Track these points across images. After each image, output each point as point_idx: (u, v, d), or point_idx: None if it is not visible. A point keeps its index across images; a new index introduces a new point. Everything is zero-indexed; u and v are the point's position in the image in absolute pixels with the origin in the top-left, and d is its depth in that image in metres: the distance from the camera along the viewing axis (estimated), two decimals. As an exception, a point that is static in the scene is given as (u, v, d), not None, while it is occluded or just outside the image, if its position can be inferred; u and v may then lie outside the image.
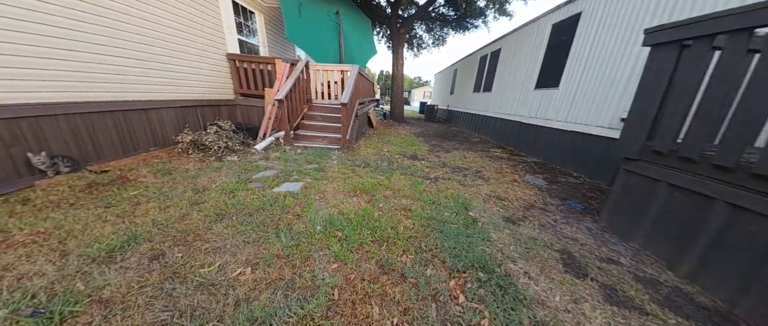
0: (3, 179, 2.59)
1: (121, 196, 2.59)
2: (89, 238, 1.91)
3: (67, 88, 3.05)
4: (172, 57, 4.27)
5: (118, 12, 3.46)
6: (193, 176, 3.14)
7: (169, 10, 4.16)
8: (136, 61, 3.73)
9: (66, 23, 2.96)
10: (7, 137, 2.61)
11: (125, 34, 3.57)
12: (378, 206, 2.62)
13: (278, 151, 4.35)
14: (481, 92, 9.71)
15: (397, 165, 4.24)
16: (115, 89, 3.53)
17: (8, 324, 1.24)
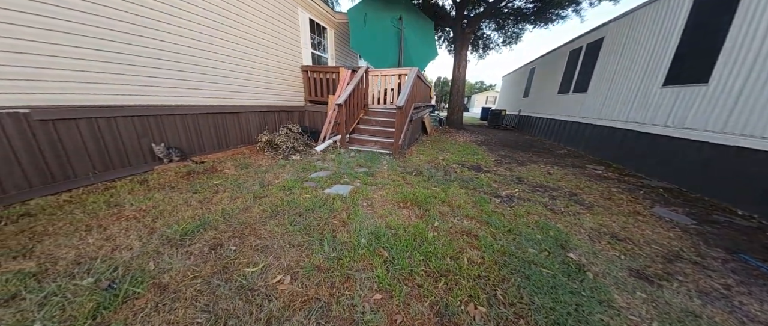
0: (134, 162, 3.16)
1: (206, 184, 2.85)
2: (172, 220, 2.07)
3: (187, 94, 3.60)
4: (261, 71, 4.76)
5: (234, 37, 3.99)
6: (263, 172, 3.31)
7: (265, 34, 4.66)
8: (235, 73, 4.24)
9: (199, 52, 3.52)
10: (140, 130, 3.18)
11: (234, 53, 4.09)
12: (433, 225, 2.15)
13: (334, 153, 4.34)
14: (571, 94, 7.75)
15: (455, 176, 3.63)
16: (218, 97, 4.06)
17: (86, 293, 1.32)
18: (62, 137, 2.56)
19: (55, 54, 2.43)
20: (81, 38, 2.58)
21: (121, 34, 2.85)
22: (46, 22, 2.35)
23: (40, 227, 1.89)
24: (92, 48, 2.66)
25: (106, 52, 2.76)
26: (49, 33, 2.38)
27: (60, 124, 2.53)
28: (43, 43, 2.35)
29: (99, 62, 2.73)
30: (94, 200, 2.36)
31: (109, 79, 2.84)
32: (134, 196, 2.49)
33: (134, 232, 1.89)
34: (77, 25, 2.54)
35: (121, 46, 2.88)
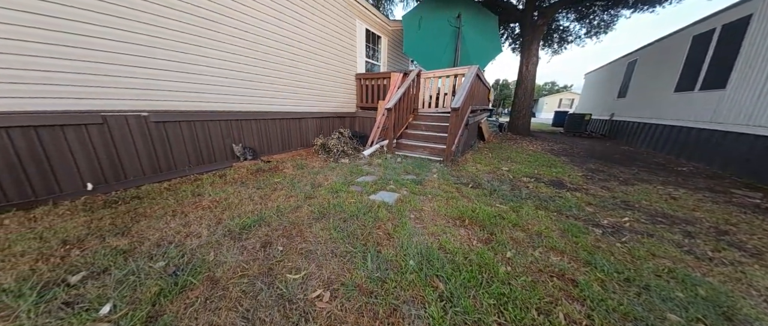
0: (218, 159, 3.56)
1: (269, 181, 2.98)
2: (236, 213, 2.15)
3: (263, 103, 3.96)
4: (321, 81, 4.98)
5: (302, 55, 4.28)
6: (315, 173, 3.34)
7: (327, 49, 4.88)
8: (300, 85, 4.52)
9: (274, 71, 3.87)
10: (225, 132, 3.58)
11: (301, 69, 4.38)
12: (503, 256, 1.62)
13: (381, 158, 4.15)
14: (696, 91, 5.80)
15: (528, 193, 2.88)
16: (285, 105, 4.36)
17: (155, 277, 1.37)
18: (169, 136, 3.01)
19: (170, 69, 2.88)
20: (188, 63, 3.02)
21: (221, 62, 3.27)
22: (170, 48, 2.81)
23: (142, 209, 2.18)
24: (199, 64, 3.09)
25: (210, 68, 3.18)
26: (172, 54, 2.83)
27: (169, 125, 2.99)
28: (166, 61, 2.81)
29: (203, 76, 3.16)
30: (184, 189, 2.67)
31: (207, 90, 3.26)
32: (213, 188, 2.74)
33: (205, 221, 2.01)
34: (190, 55, 2.98)
35: (219, 70, 3.29)
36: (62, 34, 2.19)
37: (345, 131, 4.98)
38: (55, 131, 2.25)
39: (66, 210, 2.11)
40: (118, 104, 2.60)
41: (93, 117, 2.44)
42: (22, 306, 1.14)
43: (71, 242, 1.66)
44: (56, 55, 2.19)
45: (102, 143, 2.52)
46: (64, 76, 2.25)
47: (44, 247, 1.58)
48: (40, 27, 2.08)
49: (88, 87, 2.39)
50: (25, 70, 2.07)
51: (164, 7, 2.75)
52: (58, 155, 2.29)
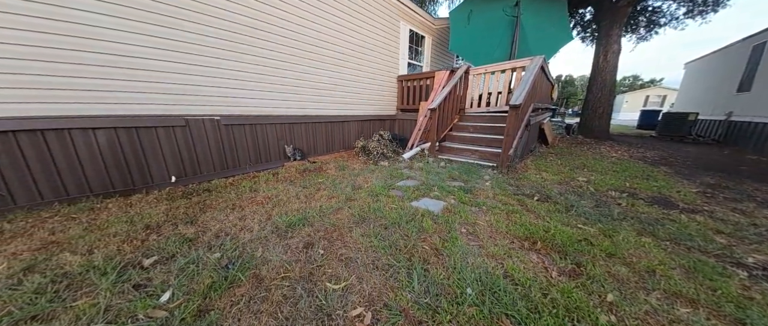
0: (273, 159, 3.76)
1: (313, 181, 2.99)
2: (284, 210, 2.15)
3: (310, 108, 4.09)
4: (364, 86, 4.97)
5: (350, 64, 4.34)
6: (355, 175, 3.25)
7: (371, 55, 4.86)
8: (345, 91, 4.57)
9: (325, 79, 3.99)
10: (279, 134, 3.77)
11: (347, 76, 4.44)
12: (602, 298, 1.17)
13: (421, 162, 3.85)
14: None
15: (622, 212, 2.20)
16: (331, 109, 4.44)
17: (210, 268, 1.37)
18: (235, 137, 3.27)
19: (237, 78, 3.14)
20: (251, 73, 3.25)
21: (276, 70, 3.47)
22: (237, 60, 3.07)
23: (209, 202, 2.34)
24: (261, 74, 3.32)
25: (269, 77, 3.40)
26: (239, 65, 3.09)
27: (235, 128, 3.25)
28: (234, 71, 3.07)
29: (262, 84, 3.38)
30: (244, 185, 2.83)
31: (266, 96, 3.48)
32: (267, 185, 2.85)
33: (257, 216, 2.04)
34: (252, 66, 3.21)
35: (275, 78, 3.49)
36: (163, 52, 2.53)
37: (385, 134, 4.85)
38: (150, 131, 2.59)
39: (154, 198, 2.39)
40: (197, 110, 2.90)
41: (178, 120, 2.76)
42: (102, 284, 1.22)
43: (152, 228, 1.82)
44: (159, 69, 2.52)
45: (184, 142, 2.84)
46: (161, 86, 2.59)
47: (131, 230, 1.76)
48: (148, 57, 2.43)
49: (177, 95, 2.72)
50: (136, 81, 2.43)
51: (232, 33, 3.00)
52: (152, 152, 2.63)
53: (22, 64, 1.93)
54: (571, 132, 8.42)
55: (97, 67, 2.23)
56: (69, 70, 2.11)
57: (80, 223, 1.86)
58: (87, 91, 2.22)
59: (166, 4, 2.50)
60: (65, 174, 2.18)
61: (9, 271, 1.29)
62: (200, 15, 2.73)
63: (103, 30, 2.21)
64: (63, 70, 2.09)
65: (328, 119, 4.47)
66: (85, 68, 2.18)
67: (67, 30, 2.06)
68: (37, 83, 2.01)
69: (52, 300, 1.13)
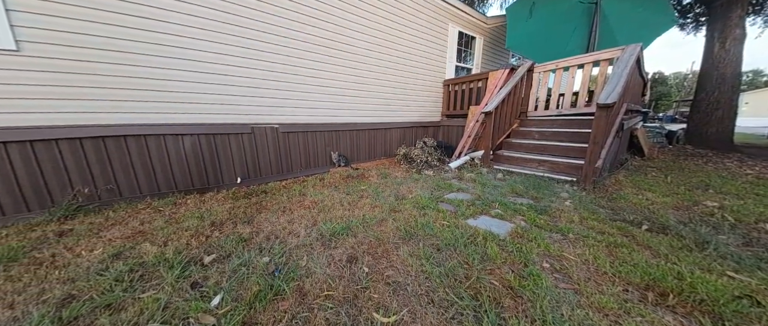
0: (320, 164, 3.80)
1: (356, 188, 2.86)
2: (328, 216, 2.03)
3: (354, 116, 4.08)
4: (407, 93, 4.78)
5: (394, 74, 4.27)
6: (398, 183, 3.00)
7: (416, 62, 4.68)
8: (388, 98, 4.46)
9: (370, 90, 3.99)
10: (327, 141, 3.81)
11: (390, 84, 4.35)
12: None
13: (473, 172, 3.38)
14: None
15: None
16: (373, 117, 4.37)
17: (259, 273, 1.27)
18: (290, 144, 3.40)
19: (295, 90, 3.28)
20: (306, 84, 3.37)
21: (326, 80, 3.55)
22: (295, 74, 3.22)
23: (265, 203, 2.38)
24: (312, 84, 3.43)
25: (320, 87, 3.50)
26: (297, 78, 3.24)
27: (291, 135, 3.38)
28: (292, 84, 3.22)
29: (314, 94, 3.48)
30: (294, 188, 2.86)
31: (317, 105, 3.57)
32: (314, 189, 2.82)
33: (304, 221, 1.95)
34: (308, 78, 3.34)
35: (325, 88, 3.57)
36: (239, 68, 2.77)
37: (429, 141, 4.51)
38: (224, 138, 2.82)
39: (222, 197, 2.55)
40: (261, 119, 3.09)
41: (246, 128, 2.96)
42: (167, 278, 1.21)
43: (216, 225, 1.88)
44: (234, 84, 2.77)
45: (250, 148, 3.03)
46: (235, 98, 2.83)
47: (200, 226, 1.83)
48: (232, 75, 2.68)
49: (246, 106, 2.94)
50: (216, 94, 2.69)
51: (290, 48, 3.15)
52: (224, 155, 2.85)
53: (139, 82, 2.28)
54: (676, 141, 6.43)
55: (189, 83, 2.52)
56: (172, 86, 2.43)
57: (163, 216, 2.04)
58: (179, 103, 2.51)
59: (237, 33, 2.74)
60: (158, 173, 2.48)
61: (102, 256, 1.40)
62: (265, 35, 2.93)
63: (197, 52, 2.50)
64: (170, 86, 2.41)
65: (370, 127, 4.38)
66: (180, 84, 2.49)
67: (173, 53, 2.39)
68: (147, 97, 2.34)
69: (126, 289, 1.15)
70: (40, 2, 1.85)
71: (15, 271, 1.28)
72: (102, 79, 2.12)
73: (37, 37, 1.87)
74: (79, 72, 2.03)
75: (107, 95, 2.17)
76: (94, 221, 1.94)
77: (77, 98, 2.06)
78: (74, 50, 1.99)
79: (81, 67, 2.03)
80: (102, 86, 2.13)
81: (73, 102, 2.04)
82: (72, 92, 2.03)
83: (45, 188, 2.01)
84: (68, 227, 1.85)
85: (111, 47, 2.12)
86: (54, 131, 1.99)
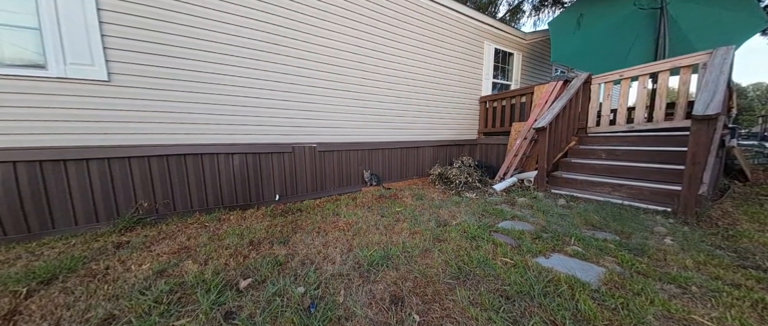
0: (353, 183, 3.73)
1: (390, 209, 2.65)
2: (364, 241, 1.84)
3: (386, 135, 4.02)
4: (441, 110, 4.62)
5: (430, 91, 4.24)
6: (436, 206, 2.71)
7: (451, 80, 4.59)
8: (418, 115, 4.36)
9: (402, 108, 3.99)
10: (359, 159, 3.77)
11: (424, 102, 4.29)
12: None
13: (525, 196, 2.91)
14: None
15: None
16: (405, 135, 4.26)
17: (293, 308, 1.10)
18: (325, 162, 3.42)
19: (331, 111, 3.37)
20: (341, 106, 3.47)
21: (367, 103, 3.62)
22: (331, 95, 3.35)
23: (300, 222, 2.31)
24: (351, 106, 3.51)
25: (354, 107, 3.56)
26: (333, 101, 3.35)
27: (326, 154, 3.42)
28: (330, 106, 3.33)
29: (348, 114, 3.55)
30: (328, 207, 2.78)
31: (351, 125, 3.61)
32: (347, 209, 2.70)
33: (340, 244, 1.80)
34: (343, 100, 3.45)
35: (360, 109, 3.63)
36: (280, 93, 2.96)
37: (467, 160, 4.15)
38: (268, 157, 2.95)
39: (261, 214, 2.57)
40: (301, 139, 3.20)
41: (287, 148, 3.07)
42: (203, 304, 1.12)
43: (254, 244, 1.83)
44: (276, 106, 2.95)
45: (289, 166, 3.11)
46: (277, 120, 2.99)
47: (239, 244, 1.79)
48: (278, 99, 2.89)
49: (288, 127, 3.08)
50: (261, 117, 2.88)
51: (327, 73, 3.31)
52: (267, 173, 2.96)
53: (201, 107, 2.54)
54: None
55: (243, 107, 2.75)
56: (229, 110, 2.66)
57: (208, 232, 2.08)
58: (232, 125, 2.72)
59: (283, 62, 2.97)
60: (209, 189, 2.63)
61: (148, 271, 1.40)
62: (309, 62, 3.14)
63: (248, 79, 2.75)
64: (227, 110, 2.65)
65: (403, 145, 4.25)
66: (235, 108, 2.71)
67: (230, 81, 2.65)
68: (208, 120, 2.58)
69: (163, 313, 1.08)
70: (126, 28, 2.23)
71: (71, 282, 1.33)
72: (172, 106, 2.41)
73: (124, 70, 2.21)
74: (153, 99, 2.33)
75: (176, 118, 2.44)
76: (149, 234, 2.06)
77: (150, 121, 2.34)
78: (151, 81, 2.32)
79: (155, 95, 2.34)
80: (172, 110, 2.41)
81: (145, 125, 2.33)
82: (146, 116, 2.32)
83: (114, 201, 2.24)
84: (126, 238, 1.98)
85: (181, 78, 2.42)
86: (128, 150, 2.25)
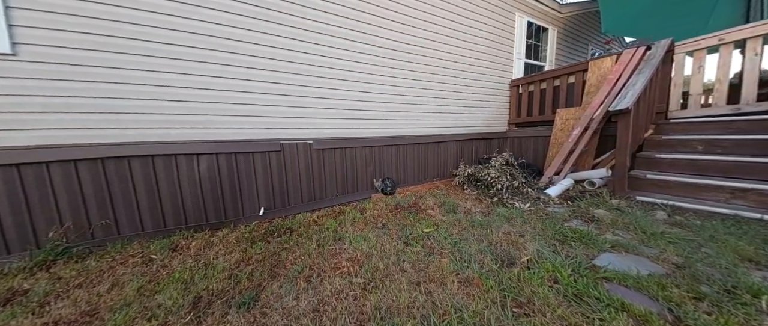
0: (360, 189, 2.96)
1: (415, 230, 1.87)
2: (387, 302, 1.08)
3: (403, 126, 3.21)
4: (464, 97, 3.76)
5: (447, 66, 3.40)
6: (480, 224, 1.91)
7: (474, 53, 3.71)
8: (436, 102, 3.52)
9: (413, 84, 3.17)
10: (367, 158, 2.99)
11: (443, 82, 3.45)
12: None
13: (601, 205, 2.05)
14: None
15: None
16: (424, 127, 3.44)
17: None
18: (325, 163, 2.65)
19: (334, 97, 2.60)
20: (346, 89, 2.68)
21: (377, 86, 2.83)
22: (333, 77, 2.56)
23: (286, 253, 1.57)
24: (356, 91, 2.73)
25: (363, 94, 2.78)
26: (335, 83, 2.57)
27: (326, 153, 2.64)
28: (329, 97, 2.56)
29: (357, 103, 2.77)
30: (327, 225, 2.03)
31: (362, 115, 2.82)
32: (355, 228, 1.95)
33: (343, 308, 1.04)
34: (346, 82, 2.66)
35: (364, 94, 2.84)
36: (262, 72, 2.20)
37: (504, 156, 3.23)
38: (247, 157, 2.21)
39: (235, 238, 1.84)
40: (293, 133, 2.44)
41: (274, 145, 2.32)
42: None
43: (201, 304, 1.10)
44: (270, 92, 2.19)
45: (277, 169, 2.37)
46: (261, 109, 2.24)
47: (176, 305, 1.07)
48: (250, 68, 2.13)
49: (278, 118, 2.33)
50: (237, 104, 2.13)
51: (330, 47, 2.52)
52: (247, 180, 2.23)
53: (146, 90, 1.81)
54: None
55: (209, 91, 2.01)
56: (187, 94, 1.93)
57: (147, 273, 1.38)
58: (196, 116, 1.99)
59: (269, 30, 2.20)
60: (166, 204, 1.92)
61: None
62: (301, 32, 2.35)
63: (220, 53, 2.00)
64: (184, 95, 1.91)
65: (420, 140, 3.43)
66: (198, 92, 1.97)
67: (188, 55, 1.90)
68: (158, 108, 1.85)
69: None
70: None
71: None
72: (98, 89, 1.68)
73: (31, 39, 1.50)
74: (71, 79, 1.61)
75: (109, 107, 1.72)
76: (65, 276, 1.37)
77: (69, 111, 1.63)
78: (64, 53, 1.60)
79: (73, 72, 1.62)
80: (99, 95, 1.69)
81: (63, 116, 1.62)
82: (63, 105, 1.61)
83: (29, 223, 1.57)
84: (30, 284, 1.30)
85: (111, 47, 1.69)
86: (40, 153, 1.56)
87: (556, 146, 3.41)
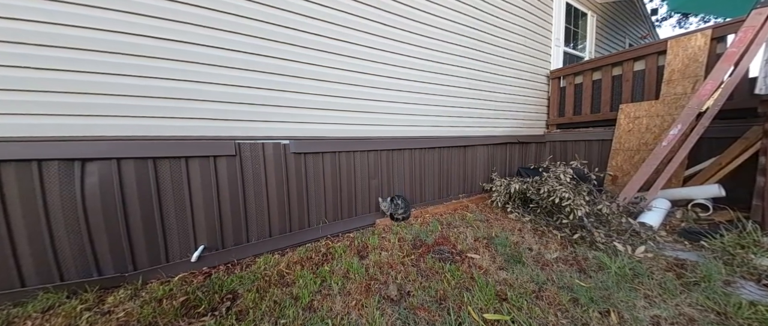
0: (360, 211, 2.09)
1: (464, 311, 0.99)
2: None
3: (417, 126, 2.36)
4: (491, 86, 2.89)
5: (472, 49, 2.57)
6: (590, 298, 1.00)
7: (506, 34, 2.87)
8: (459, 93, 2.66)
9: (430, 68, 2.34)
10: (372, 169, 2.13)
11: (467, 68, 2.61)
12: None
13: (754, 250, 1.14)
14: None
15: None
16: (448, 125, 2.57)
17: None
18: (309, 174, 1.81)
19: (319, 85, 1.77)
20: (336, 80, 1.86)
21: (382, 66, 2.00)
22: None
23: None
24: (352, 71, 1.90)
25: (366, 87, 1.95)
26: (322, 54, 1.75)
27: (309, 158, 1.80)
28: (311, 77, 1.73)
29: (354, 87, 1.94)
30: (304, 285, 1.17)
31: (362, 106, 1.99)
32: (346, 301, 1.08)
33: None
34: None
35: (371, 78, 2.01)
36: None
37: (571, 165, 2.11)
38: (176, 166, 1.38)
39: (122, 314, 0.98)
40: (257, 129, 1.61)
41: (227, 146, 1.49)
42: None
43: None
44: (217, 64, 1.38)
45: (229, 184, 1.53)
46: (214, 88, 1.42)
47: None
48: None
49: (231, 104, 1.50)
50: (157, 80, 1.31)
51: None
52: (175, 203, 1.39)
53: None
54: None
55: (109, 54, 1.20)
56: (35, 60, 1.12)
57: None
58: (80, 95, 1.17)
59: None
60: (20, 246, 1.09)
61: None
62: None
63: None
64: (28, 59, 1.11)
65: (441, 143, 2.55)
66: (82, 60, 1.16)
67: None
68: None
69: None
70: None
71: None
72: None
73: None
74: None
75: None
76: None
77: None
78: None
79: None
80: None
81: None
82: None
83: None
84: None
85: None
86: None
87: (621, 152, 2.57)
